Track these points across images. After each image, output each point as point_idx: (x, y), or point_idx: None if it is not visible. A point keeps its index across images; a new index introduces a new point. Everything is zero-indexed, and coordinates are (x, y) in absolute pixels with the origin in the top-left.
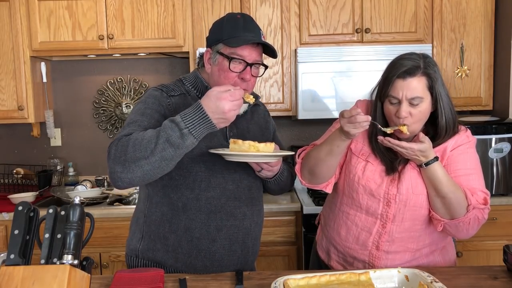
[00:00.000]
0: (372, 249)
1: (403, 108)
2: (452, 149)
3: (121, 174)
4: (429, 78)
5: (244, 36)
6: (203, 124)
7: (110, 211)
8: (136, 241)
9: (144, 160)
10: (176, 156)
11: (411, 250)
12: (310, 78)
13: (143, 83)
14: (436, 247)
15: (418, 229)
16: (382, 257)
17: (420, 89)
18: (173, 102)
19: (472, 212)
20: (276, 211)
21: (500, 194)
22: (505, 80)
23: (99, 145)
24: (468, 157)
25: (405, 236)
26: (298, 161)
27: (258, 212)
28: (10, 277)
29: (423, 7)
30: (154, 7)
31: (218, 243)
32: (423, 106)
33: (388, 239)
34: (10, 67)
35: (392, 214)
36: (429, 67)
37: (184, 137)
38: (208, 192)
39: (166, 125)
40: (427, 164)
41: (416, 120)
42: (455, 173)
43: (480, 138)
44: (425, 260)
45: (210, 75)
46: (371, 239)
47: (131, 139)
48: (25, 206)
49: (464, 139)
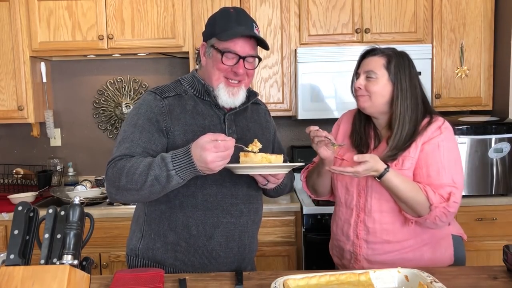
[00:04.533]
0: (354, 238)
1: (359, 80)
2: (423, 143)
3: (115, 196)
4: (387, 58)
5: (235, 29)
6: (189, 169)
7: (110, 211)
8: (136, 241)
9: (135, 191)
10: (164, 191)
11: (389, 242)
12: (310, 78)
13: (143, 83)
14: (423, 242)
15: (388, 221)
16: (363, 246)
17: (376, 66)
18: (167, 104)
19: (435, 210)
20: (276, 211)
21: (500, 194)
22: (505, 80)
23: (99, 145)
24: (440, 151)
25: (378, 228)
26: (303, 181)
27: (255, 210)
28: (10, 277)
29: (423, 7)
30: (154, 7)
31: (215, 240)
32: (378, 83)
33: (364, 228)
34: (10, 67)
35: (363, 204)
36: (394, 54)
37: (170, 178)
38: (204, 189)
39: (157, 162)
40: (380, 177)
41: (371, 93)
42: (427, 167)
43: (479, 138)
44: (411, 254)
45: (205, 68)
46: (351, 229)
47: (125, 168)
48: (25, 206)
49: (435, 132)
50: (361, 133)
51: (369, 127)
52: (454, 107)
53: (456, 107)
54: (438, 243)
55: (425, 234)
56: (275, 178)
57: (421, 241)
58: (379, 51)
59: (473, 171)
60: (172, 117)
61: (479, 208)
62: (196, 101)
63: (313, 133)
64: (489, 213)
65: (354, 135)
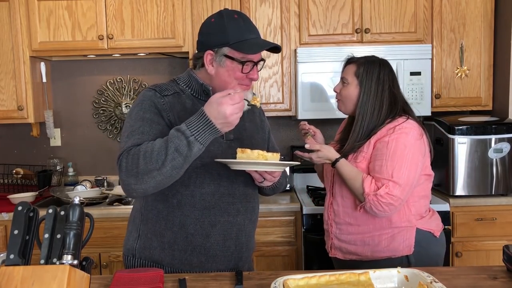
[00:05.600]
0: (329, 219)
1: (337, 85)
2: (375, 140)
3: (135, 185)
4: (357, 66)
5: (250, 39)
6: (208, 130)
7: (110, 211)
8: (132, 241)
9: (156, 171)
10: (186, 163)
11: (350, 224)
12: (310, 78)
13: (143, 83)
14: (382, 229)
15: (348, 205)
16: (333, 225)
17: (348, 73)
18: (167, 102)
19: (368, 198)
20: (276, 211)
21: (499, 194)
22: (505, 80)
23: (98, 145)
24: (387, 149)
25: (341, 211)
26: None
27: (252, 208)
28: (9, 277)
29: (422, 7)
30: (153, 7)
31: (212, 239)
32: (348, 88)
33: (333, 210)
34: (9, 67)
35: (332, 188)
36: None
37: (191, 145)
38: (203, 189)
39: (173, 134)
40: (333, 165)
41: (343, 98)
42: (373, 163)
43: (479, 138)
44: (370, 239)
45: (215, 76)
46: (327, 211)
47: (140, 151)
48: (24, 206)
49: (388, 131)
50: (346, 129)
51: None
52: (454, 107)
53: (456, 107)
54: (399, 233)
55: (383, 222)
56: (272, 176)
57: (380, 228)
58: (353, 59)
59: (473, 171)
60: (174, 114)
61: (479, 208)
62: (194, 100)
63: (300, 126)
64: (489, 213)
65: (342, 131)
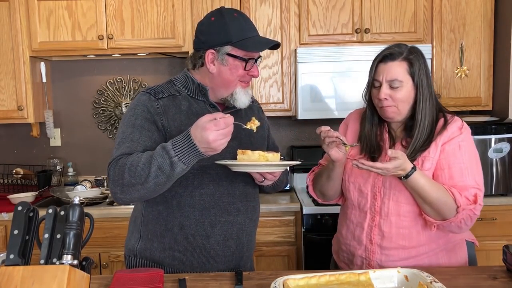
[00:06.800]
0: (367, 243)
1: (382, 90)
2: (443, 143)
3: (120, 195)
4: (410, 63)
5: (253, 37)
6: (192, 153)
7: (110, 211)
8: (134, 241)
9: (139, 186)
10: (169, 181)
11: (404, 248)
12: (310, 78)
13: (143, 83)
14: (439, 248)
15: (406, 225)
16: (376, 252)
17: (399, 73)
18: (162, 104)
19: (462, 213)
20: (276, 211)
21: (499, 194)
22: (505, 80)
23: (98, 145)
24: (462, 151)
25: (394, 233)
26: (310, 184)
27: (252, 208)
28: (9, 277)
29: (422, 7)
30: (153, 7)
31: (213, 239)
32: (403, 90)
33: (378, 232)
34: (9, 67)
35: (379, 207)
36: (411, 54)
37: (174, 165)
38: (202, 189)
39: (158, 152)
40: (406, 177)
41: (398, 103)
42: (449, 168)
43: (479, 138)
44: (427, 260)
45: (217, 75)
46: (364, 233)
47: (126, 164)
48: (24, 206)
49: (455, 132)
50: (372, 136)
51: (383, 129)
52: (454, 107)
53: (456, 107)
54: (453, 249)
55: (441, 240)
56: (272, 175)
57: (437, 247)
58: (398, 54)
59: None
60: (168, 118)
61: None
62: (190, 101)
63: (324, 134)
64: (489, 213)
65: (364, 138)
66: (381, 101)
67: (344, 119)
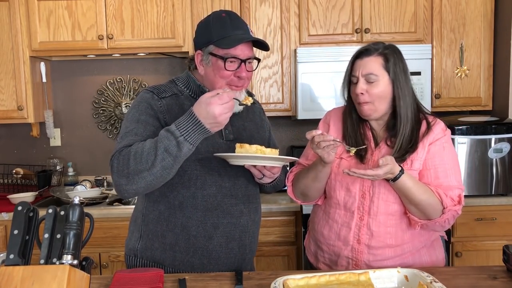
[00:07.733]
0: (354, 243)
1: (359, 84)
2: (430, 143)
3: (126, 186)
4: (386, 58)
5: (234, 35)
6: (197, 130)
7: (110, 211)
8: (134, 241)
9: (146, 172)
10: (176, 163)
11: (391, 246)
12: (310, 78)
13: (143, 83)
14: (421, 244)
15: (393, 224)
16: (364, 251)
17: (375, 67)
18: (165, 104)
19: (448, 213)
20: (275, 211)
21: (499, 194)
22: (505, 80)
23: (98, 145)
24: (445, 153)
25: (382, 231)
26: (289, 185)
27: (255, 209)
28: (9, 277)
29: (422, 7)
30: (153, 7)
31: (215, 241)
32: (380, 85)
33: (367, 232)
34: (9, 67)
35: (368, 206)
36: (386, 49)
37: (181, 145)
38: (204, 190)
39: (162, 135)
40: (394, 180)
41: (375, 99)
42: (435, 168)
43: (479, 138)
44: (411, 258)
45: (205, 76)
46: (351, 233)
47: (131, 151)
48: (24, 206)
49: (439, 133)
50: (356, 135)
51: (365, 128)
52: (454, 107)
53: (456, 107)
54: (432, 245)
55: (422, 237)
56: (271, 172)
57: (419, 244)
58: (373, 50)
59: (473, 171)
60: (171, 116)
61: (479, 208)
62: (192, 101)
63: (319, 138)
64: (488, 213)
65: (348, 138)
66: (358, 96)
67: (323, 118)
